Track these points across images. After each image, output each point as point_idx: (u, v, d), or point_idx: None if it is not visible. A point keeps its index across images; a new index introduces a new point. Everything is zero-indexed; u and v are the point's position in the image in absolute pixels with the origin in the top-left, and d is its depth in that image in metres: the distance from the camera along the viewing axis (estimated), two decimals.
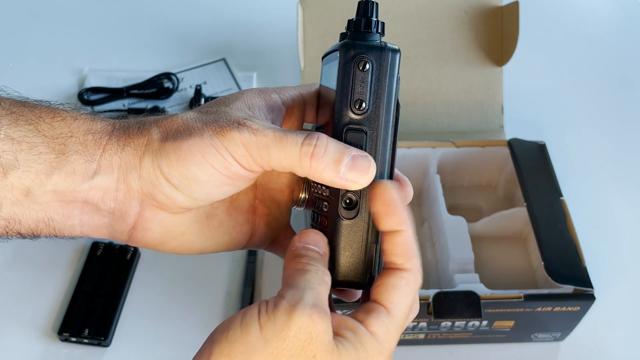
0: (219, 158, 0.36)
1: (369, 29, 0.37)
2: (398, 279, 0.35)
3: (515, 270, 0.76)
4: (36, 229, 0.38)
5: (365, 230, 0.37)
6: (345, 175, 0.35)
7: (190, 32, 1.04)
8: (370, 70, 0.36)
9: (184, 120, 0.37)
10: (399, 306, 0.35)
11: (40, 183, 0.36)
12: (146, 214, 0.38)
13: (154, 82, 0.94)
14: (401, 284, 0.35)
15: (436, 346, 0.71)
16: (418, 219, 0.81)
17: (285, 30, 1.02)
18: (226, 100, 0.39)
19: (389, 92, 0.36)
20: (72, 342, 0.70)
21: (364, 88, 0.36)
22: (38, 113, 0.37)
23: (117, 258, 0.75)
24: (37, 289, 0.74)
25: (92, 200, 0.38)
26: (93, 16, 1.07)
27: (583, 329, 0.71)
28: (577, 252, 0.68)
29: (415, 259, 0.36)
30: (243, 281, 0.76)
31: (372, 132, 0.36)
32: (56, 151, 0.36)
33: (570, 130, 0.94)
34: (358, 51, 0.36)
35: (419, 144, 0.78)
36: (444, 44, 0.87)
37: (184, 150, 0.36)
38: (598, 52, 1.05)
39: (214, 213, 0.41)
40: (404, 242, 0.36)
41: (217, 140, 0.35)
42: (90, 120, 0.38)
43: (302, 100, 0.41)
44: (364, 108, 0.36)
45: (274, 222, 0.43)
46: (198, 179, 0.36)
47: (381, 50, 0.36)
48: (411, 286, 0.36)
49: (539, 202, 0.72)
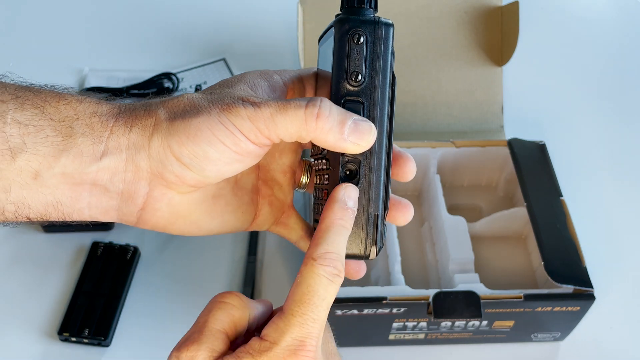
0: (228, 134, 0.36)
1: (362, 4, 0.38)
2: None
3: (515, 270, 0.76)
4: (45, 213, 0.38)
5: (366, 201, 0.38)
6: (349, 137, 0.36)
7: (190, 32, 1.04)
8: (365, 43, 0.37)
9: (190, 100, 0.38)
10: (291, 302, 0.35)
11: (49, 165, 0.36)
12: (155, 194, 0.39)
13: (154, 82, 0.95)
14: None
15: (436, 346, 0.71)
16: (418, 219, 0.81)
17: (285, 30, 1.02)
18: (229, 82, 0.39)
19: (384, 65, 0.37)
20: (72, 342, 0.70)
21: (360, 60, 0.37)
22: (44, 97, 0.37)
23: (117, 258, 0.75)
24: (37, 289, 0.74)
25: (101, 182, 0.38)
26: (93, 16, 1.07)
27: (583, 329, 0.71)
28: (577, 252, 0.68)
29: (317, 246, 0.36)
30: (243, 281, 0.76)
31: (369, 103, 0.37)
32: (63, 134, 0.36)
33: (570, 130, 0.94)
34: (352, 25, 0.37)
35: (419, 144, 0.78)
36: (444, 44, 0.87)
37: (193, 127, 0.36)
38: (598, 52, 1.05)
39: (220, 193, 0.42)
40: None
41: (225, 117, 0.36)
42: (95, 104, 0.38)
43: (301, 80, 0.42)
44: (360, 80, 0.37)
45: (277, 203, 0.44)
46: (209, 156, 0.36)
47: (375, 24, 0.37)
48: (303, 280, 0.35)
49: (539, 202, 0.72)
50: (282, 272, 0.77)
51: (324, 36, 0.40)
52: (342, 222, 0.36)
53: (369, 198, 0.37)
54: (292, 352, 0.34)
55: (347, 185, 0.37)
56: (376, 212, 0.38)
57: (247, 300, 0.38)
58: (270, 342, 0.34)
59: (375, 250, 0.38)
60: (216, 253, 0.79)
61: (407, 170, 0.41)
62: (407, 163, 0.40)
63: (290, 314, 0.35)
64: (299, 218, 0.45)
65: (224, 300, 0.37)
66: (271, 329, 0.35)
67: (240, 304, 0.37)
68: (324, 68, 0.40)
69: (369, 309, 0.64)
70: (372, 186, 0.37)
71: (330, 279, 0.35)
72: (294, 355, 0.34)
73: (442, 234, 0.73)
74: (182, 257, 0.79)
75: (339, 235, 0.36)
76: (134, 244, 0.77)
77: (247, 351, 0.34)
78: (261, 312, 0.39)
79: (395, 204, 0.41)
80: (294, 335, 0.34)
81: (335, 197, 0.37)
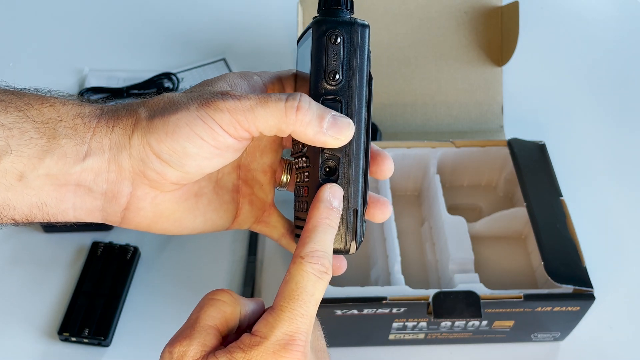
0: (206, 128, 0.36)
1: (338, 5, 0.38)
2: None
3: (515, 270, 0.76)
4: (30, 215, 0.38)
5: (345, 197, 0.38)
6: (328, 131, 0.37)
7: (190, 32, 1.04)
8: (342, 43, 0.38)
9: (170, 98, 0.38)
10: (281, 298, 0.36)
11: (33, 167, 0.36)
12: (138, 193, 0.39)
13: (154, 82, 0.95)
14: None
15: (436, 346, 0.71)
16: (418, 219, 0.81)
17: (285, 30, 1.02)
18: (209, 81, 0.40)
19: (360, 64, 0.38)
20: (72, 342, 0.70)
21: (337, 60, 0.38)
22: (27, 100, 0.37)
23: (117, 258, 0.75)
24: (37, 289, 0.74)
25: (85, 183, 0.38)
26: (93, 16, 1.07)
27: (583, 329, 0.71)
28: (577, 252, 0.68)
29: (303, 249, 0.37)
30: (243, 281, 0.76)
31: (346, 101, 0.38)
32: (47, 136, 0.37)
33: (570, 130, 0.94)
34: (329, 26, 0.38)
35: (419, 144, 0.78)
36: (444, 44, 0.87)
37: (172, 124, 0.36)
38: (598, 52, 1.05)
39: (202, 192, 0.42)
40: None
41: (203, 111, 0.36)
42: (78, 105, 0.39)
43: (280, 81, 0.43)
44: (338, 79, 0.38)
45: (257, 202, 0.45)
46: (188, 151, 0.37)
47: (351, 25, 0.38)
48: (293, 277, 0.36)
49: (538, 202, 0.72)
50: (282, 272, 0.77)
51: (302, 38, 0.41)
52: (328, 221, 0.37)
53: (348, 194, 0.38)
54: (282, 347, 0.35)
55: (332, 185, 0.38)
56: (355, 208, 0.39)
57: (238, 297, 0.39)
58: (260, 337, 0.35)
59: (355, 245, 0.39)
60: (216, 253, 0.79)
61: (384, 168, 0.42)
62: (385, 161, 0.41)
63: (280, 309, 0.35)
64: (280, 216, 0.46)
65: (216, 297, 0.38)
66: (261, 325, 0.35)
67: (231, 301, 0.38)
68: (302, 69, 0.41)
69: (369, 309, 0.64)
70: (351, 182, 0.38)
71: (319, 276, 0.36)
72: (284, 349, 0.34)
73: (442, 234, 0.73)
74: (182, 257, 0.79)
75: (325, 234, 0.37)
76: (134, 244, 0.77)
77: (238, 346, 0.35)
78: (252, 309, 0.40)
79: (373, 201, 0.42)
80: (283, 330, 0.35)
81: (321, 197, 0.38)
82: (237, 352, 0.35)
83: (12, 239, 0.79)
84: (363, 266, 0.76)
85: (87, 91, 0.93)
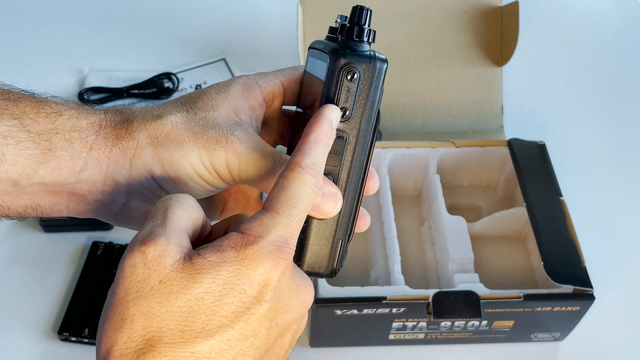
0: (206, 173, 0.39)
1: (360, 38, 0.38)
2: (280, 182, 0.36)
3: (515, 270, 0.76)
4: (24, 214, 0.39)
5: (334, 229, 0.39)
6: (312, 211, 0.38)
7: (190, 32, 1.04)
8: (358, 80, 0.37)
9: (174, 126, 0.39)
10: (277, 201, 0.35)
11: (27, 176, 0.37)
12: (132, 205, 0.40)
13: (154, 82, 0.95)
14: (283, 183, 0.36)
15: (436, 346, 0.71)
16: (418, 219, 0.81)
17: (285, 30, 1.02)
18: (214, 102, 0.41)
19: (372, 102, 0.38)
20: (72, 342, 0.70)
21: (349, 98, 0.37)
22: (22, 107, 0.37)
23: (117, 258, 0.75)
24: (37, 288, 0.74)
25: (79, 192, 0.39)
26: (93, 16, 1.07)
27: (583, 328, 0.71)
28: (576, 252, 0.68)
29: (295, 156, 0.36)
30: None
31: (351, 138, 0.38)
32: (42, 147, 0.37)
33: (570, 130, 0.94)
34: (348, 61, 0.37)
35: (419, 144, 0.78)
36: (444, 44, 0.87)
37: (176, 161, 0.38)
38: (598, 52, 1.05)
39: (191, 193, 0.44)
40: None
41: (206, 158, 0.38)
42: (75, 118, 0.38)
43: (282, 90, 0.43)
44: (347, 115, 0.38)
45: (243, 199, 0.47)
46: (188, 185, 0.39)
47: (370, 60, 0.37)
48: (289, 184, 0.35)
49: (538, 202, 0.72)
50: None
51: (316, 52, 0.40)
52: (327, 140, 0.37)
53: (337, 227, 0.39)
54: (278, 248, 0.33)
55: (336, 108, 0.38)
56: (341, 239, 0.40)
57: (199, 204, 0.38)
58: (255, 236, 0.33)
59: (334, 271, 0.40)
60: None
61: (369, 185, 0.42)
62: (370, 179, 0.42)
63: (276, 212, 0.34)
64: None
65: (182, 200, 0.35)
66: (255, 224, 0.34)
67: (196, 206, 0.36)
68: (312, 72, 0.41)
69: (369, 308, 0.64)
70: (342, 217, 0.39)
71: (314, 189, 0.36)
72: (279, 250, 0.33)
73: (442, 233, 0.73)
74: None
75: (323, 150, 0.37)
76: None
77: (228, 245, 0.32)
78: (206, 220, 0.38)
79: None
80: (279, 232, 0.34)
81: (326, 115, 0.37)
82: (228, 251, 0.32)
83: (12, 239, 0.79)
84: (363, 266, 0.76)
85: (87, 91, 0.93)
